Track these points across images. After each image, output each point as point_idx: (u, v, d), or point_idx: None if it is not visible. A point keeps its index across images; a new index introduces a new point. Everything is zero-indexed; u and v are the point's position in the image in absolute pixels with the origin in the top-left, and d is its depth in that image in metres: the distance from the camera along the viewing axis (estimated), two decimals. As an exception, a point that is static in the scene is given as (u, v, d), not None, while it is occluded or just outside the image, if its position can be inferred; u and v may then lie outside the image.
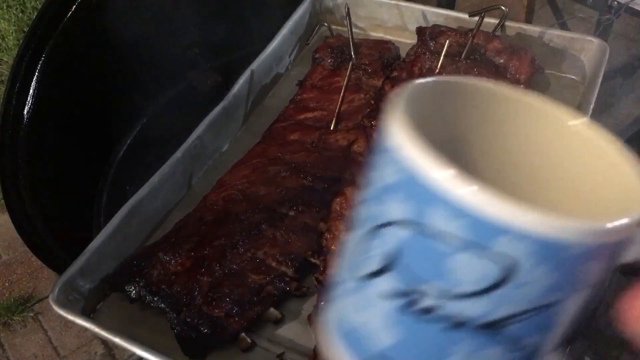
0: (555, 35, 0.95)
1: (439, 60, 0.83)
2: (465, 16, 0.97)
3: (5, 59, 2.20)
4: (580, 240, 0.21)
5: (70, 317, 0.66)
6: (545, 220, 0.20)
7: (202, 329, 0.64)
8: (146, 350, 0.61)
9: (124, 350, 0.63)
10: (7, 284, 1.75)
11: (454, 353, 0.22)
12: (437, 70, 0.83)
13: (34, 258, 0.84)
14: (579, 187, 0.28)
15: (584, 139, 0.27)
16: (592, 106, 0.83)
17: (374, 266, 0.23)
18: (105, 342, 1.60)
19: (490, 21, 0.94)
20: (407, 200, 0.22)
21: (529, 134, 0.28)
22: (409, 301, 0.22)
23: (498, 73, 0.89)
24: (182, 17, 1.00)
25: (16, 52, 0.83)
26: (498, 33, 0.95)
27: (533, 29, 0.96)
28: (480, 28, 0.91)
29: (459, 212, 0.20)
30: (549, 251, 0.20)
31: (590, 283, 0.23)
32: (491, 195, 0.20)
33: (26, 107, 0.81)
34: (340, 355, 0.26)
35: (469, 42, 0.89)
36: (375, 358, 0.24)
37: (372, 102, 0.84)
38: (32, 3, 2.26)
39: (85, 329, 0.65)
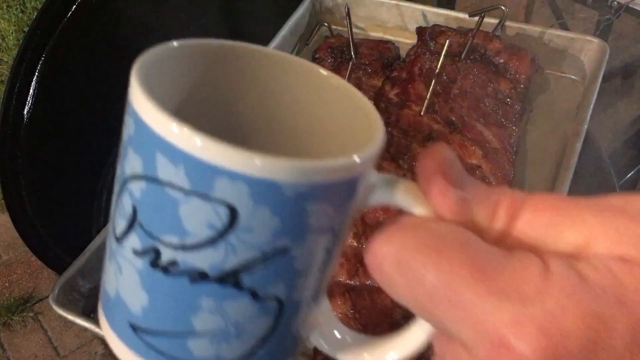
0: (555, 35, 0.95)
1: (439, 60, 0.83)
2: (465, 16, 0.97)
3: (5, 59, 2.20)
4: (292, 180, 0.20)
5: (70, 317, 0.65)
6: (254, 160, 0.20)
7: (202, 329, 0.64)
8: (146, 350, 0.61)
9: (124, 350, 0.63)
10: (7, 284, 1.75)
11: (200, 308, 0.22)
12: (437, 70, 0.83)
13: (34, 258, 0.84)
14: (328, 134, 0.28)
15: (331, 87, 0.28)
16: (592, 106, 0.83)
17: (123, 225, 0.23)
18: (105, 342, 1.59)
19: (490, 21, 0.94)
20: (138, 152, 0.22)
21: (280, 88, 0.29)
22: (152, 259, 0.22)
23: (498, 73, 0.89)
24: (182, 17, 1.00)
25: (16, 52, 0.83)
26: (498, 33, 0.95)
27: (533, 29, 0.96)
28: (480, 28, 0.91)
29: (176, 159, 0.21)
30: (265, 193, 0.20)
31: (321, 227, 0.23)
32: (202, 140, 0.20)
33: (26, 107, 0.81)
34: (104, 328, 0.26)
35: (469, 42, 0.89)
36: (125, 327, 0.24)
37: (372, 102, 0.84)
38: (32, 3, 2.26)
39: (85, 329, 0.65)
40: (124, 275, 0.24)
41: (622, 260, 0.20)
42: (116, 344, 0.26)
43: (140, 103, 0.22)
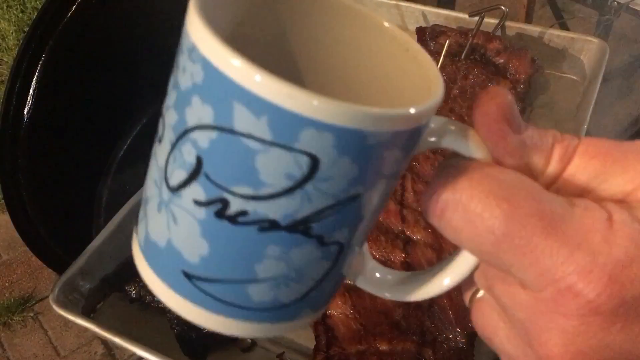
0: (555, 35, 0.95)
1: (439, 60, 0.83)
2: (465, 16, 0.97)
3: (5, 59, 2.20)
4: (378, 129, 0.21)
5: (70, 317, 0.66)
6: (343, 110, 0.20)
7: (202, 329, 0.64)
8: (146, 350, 0.61)
9: (124, 350, 0.63)
10: (7, 284, 1.75)
11: (265, 255, 0.22)
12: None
13: (34, 258, 0.84)
14: (387, 83, 0.28)
15: (389, 36, 0.27)
16: (592, 106, 0.83)
17: (182, 175, 0.22)
18: (105, 342, 1.60)
19: (490, 21, 0.94)
20: (207, 101, 0.21)
21: (337, 34, 0.28)
22: (218, 209, 0.22)
23: (498, 73, 0.89)
24: (182, 16, 1.00)
25: (16, 52, 0.83)
26: (498, 33, 0.95)
27: (533, 29, 0.96)
28: (480, 28, 0.91)
29: (259, 110, 0.20)
30: (349, 143, 0.20)
31: (390, 172, 0.23)
32: (290, 89, 0.19)
33: (26, 107, 0.81)
34: (149, 279, 0.25)
35: (469, 42, 0.89)
36: (178, 276, 0.24)
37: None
38: (32, 3, 2.26)
39: (85, 329, 0.65)
40: (179, 225, 0.23)
41: None
42: (165, 293, 0.25)
43: (214, 50, 0.20)
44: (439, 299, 0.62)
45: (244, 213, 0.22)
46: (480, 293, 0.26)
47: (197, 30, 0.21)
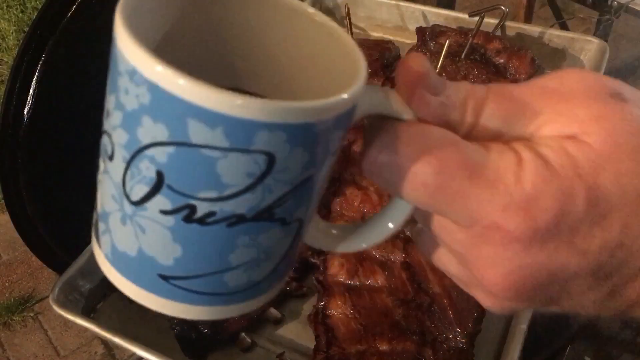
0: (555, 35, 0.95)
1: (439, 60, 0.83)
2: (465, 16, 0.97)
3: (5, 59, 2.20)
4: (323, 118, 0.23)
5: (70, 317, 0.66)
6: (289, 109, 0.22)
7: (202, 329, 0.64)
8: (146, 350, 0.61)
9: (124, 350, 0.63)
10: (7, 284, 1.75)
11: (237, 246, 0.24)
12: (437, 70, 0.83)
13: (34, 258, 0.84)
14: (319, 68, 0.30)
15: (316, 24, 0.29)
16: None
17: (144, 190, 0.23)
18: (105, 342, 1.60)
19: (490, 21, 0.94)
20: (159, 120, 0.22)
21: (268, 27, 0.30)
22: (186, 214, 0.23)
23: (498, 73, 0.89)
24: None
25: (16, 52, 0.83)
26: (498, 33, 0.95)
27: (533, 29, 0.96)
28: (480, 28, 0.91)
29: (213, 122, 0.21)
30: (300, 135, 0.22)
31: (335, 150, 0.25)
32: (238, 100, 0.21)
33: (26, 107, 0.81)
34: (125, 287, 0.27)
35: (469, 42, 0.89)
36: (154, 279, 0.25)
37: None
38: (32, 3, 2.26)
39: (85, 329, 0.65)
40: (148, 234, 0.24)
41: (571, 139, 0.24)
42: (145, 297, 0.27)
43: (159, 73, 0.21)
44: (439, 298, 0.62)
45: (211, 214, 0.23)
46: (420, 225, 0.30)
47: (134, 54, 0.22)
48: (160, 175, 0.22)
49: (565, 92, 0.26)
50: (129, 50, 0.23)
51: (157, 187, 0.22)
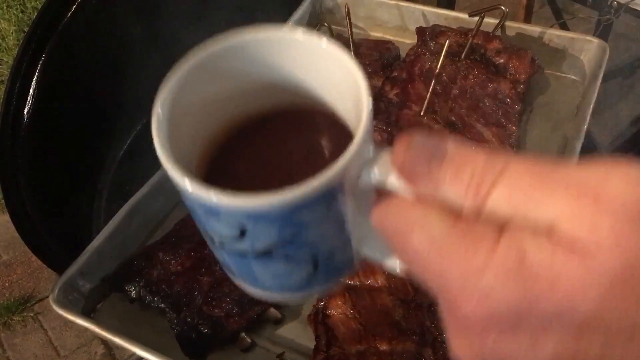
0: (555, 35, 0.95)
1: (439, 60, 0.83)
2: (465, 16, 0.97)
3: (5, 59, 2.20)
4: (279, 211, 0.28)
5: (70, 317, 0.66)
6: (253, 202, 0.27)
7: (202, 328, 0.64)
8: (146, 350, 0.61)
9: (124, 350, 0.63)
10: (7, 284, 1.75)
11: (264, 270, 0.32)
12: (437, 71, 0.83)
13: (34, 258, 0.84)
14: (332, 101, 0.35)
15: (331, 58, 0.33)
16: (592, 106, 0.83)
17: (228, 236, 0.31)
18: (105, 342, 1.60)
19: (490, 21, 0.94)
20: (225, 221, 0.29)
21: (281, 65, 0.34)
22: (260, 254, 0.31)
23: (498, 73, 0.89)
24: (182, 16, 1.00)
25: (16, 52, 0.83)
26: (498, 33, 0.95)
27: (533, 29, 0.96)
28: (480, 28, 0.91)
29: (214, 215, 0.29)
30: (263, 218, 0.28)
31: (318, 217, 0.29)
32: (225, 196, 0.27)
33: (26, 107, 0.81)
34: (245, 288, 0.35)
35: (469, 42, 0.89)
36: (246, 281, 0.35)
37: (372, 102, 0.84)
38: (32, 3, 2.26)
39: (85, 329, 0.65)
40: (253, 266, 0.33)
41: (570, 249, 0.23)
42: (258, 292, 0.36)
43: (214, 199, 0.28)
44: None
45: (268, 252, 0.31)
46: None
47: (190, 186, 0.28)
48: (243, 233, 0.30)
49: (603, 199, 0.23)
50: (174, 173, 0.29)
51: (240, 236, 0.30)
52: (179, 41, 1.03)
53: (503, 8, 0.94)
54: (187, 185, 0.28)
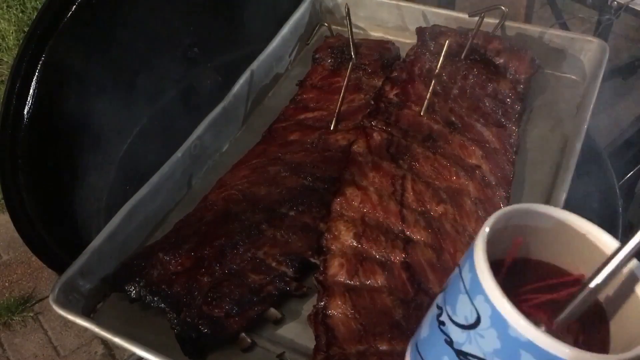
0: (555, 35, 0.95)
1: (439, 61, 0.83)
2: (465, 16, 0.97)
3: (5, 59, 2.20)
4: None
5: (70, 317, 0.66)
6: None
7: (202, 329, 0.64)
8: (146, 350, 0.61)
9: (124, 350, 0.63)
10: (7, 284, 1.75)
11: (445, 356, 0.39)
12: (437, 71, 0.83)
13: (34, 258, 0.84)
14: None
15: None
16: (592, 106, 0.83)
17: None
18: (105, 342, 1.60)
19: (490, 21, 0.94)
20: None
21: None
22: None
23: (498, 73, 0.89)
24: (182, 17, 1.00)
25: (16, 52, 0.83)
26: (498, 33, 0.95)
27: (533, 29, 0.96)
28: (480, 28, 0.91)
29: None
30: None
31: None
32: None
33: (26, 107, 0.81)
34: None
35: (469, 42, 0.89)
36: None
37: (372, 102, 0.84)
38: (32, 3, 2.26)
39: (85, 329, 0.65)
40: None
41: None
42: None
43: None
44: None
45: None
46: None
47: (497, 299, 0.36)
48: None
49: None
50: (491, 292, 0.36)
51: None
52: (180, 41, 1.03)
53: (503, 8, 0.94)
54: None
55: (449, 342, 0.38)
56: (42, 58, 0.82)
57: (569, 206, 0.73)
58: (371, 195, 0.72)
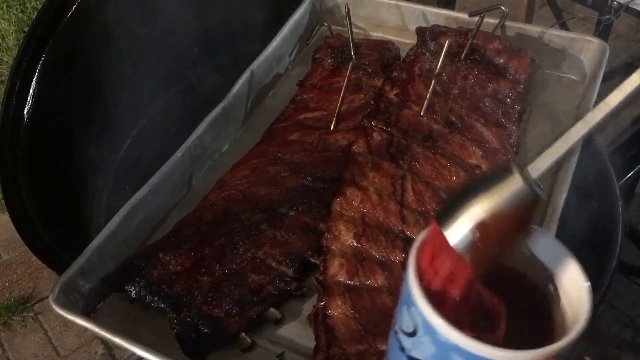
0: (555, 35, 0.95)
1: (439, 61, 0.83)
2: (465, 16, 0.97)
3: (5, 59, 2.20)
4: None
5: (70, 317, 0.66)
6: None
7: (202, 329, 0.64)
8: (146, 350, 0.61)
9: (124, 350, 0.63)
10: (7, 284, 1.75)
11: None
12: (436, 71, 0.83)
13: (34, 258, 0.84)
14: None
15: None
16: (592, 106, 0.82)
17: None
18: (105, 342, 1.60)
19: (490, 21, 0.94)
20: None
21: None
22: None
23: (498, 73, 0.89)
24: (182, 17, 1.00)
25: (16, 52, 0.83)
26: (498, 33, 0.95)
27: (533, 29, 0.96)
28: (480, 28, 0.91)
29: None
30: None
31: None
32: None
33: (26, 107, 0.81)
34: None
35: (469, 42, 0.89)
36: None
37: (372, 102, 0.84)
38: (32, 3, 2.26)
39: (85, 329, 0.65)
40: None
41: None
42: None
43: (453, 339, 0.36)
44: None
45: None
46: None
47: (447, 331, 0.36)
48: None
49: None
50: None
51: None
52: (180, 41, 1.03)
53: (503, 8, 0.94)
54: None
55: (402, 349, 0.40)
56: (42, 58, 0.82)
57: (568, 206, 0.73)
58: (371, 195, 0.72)
